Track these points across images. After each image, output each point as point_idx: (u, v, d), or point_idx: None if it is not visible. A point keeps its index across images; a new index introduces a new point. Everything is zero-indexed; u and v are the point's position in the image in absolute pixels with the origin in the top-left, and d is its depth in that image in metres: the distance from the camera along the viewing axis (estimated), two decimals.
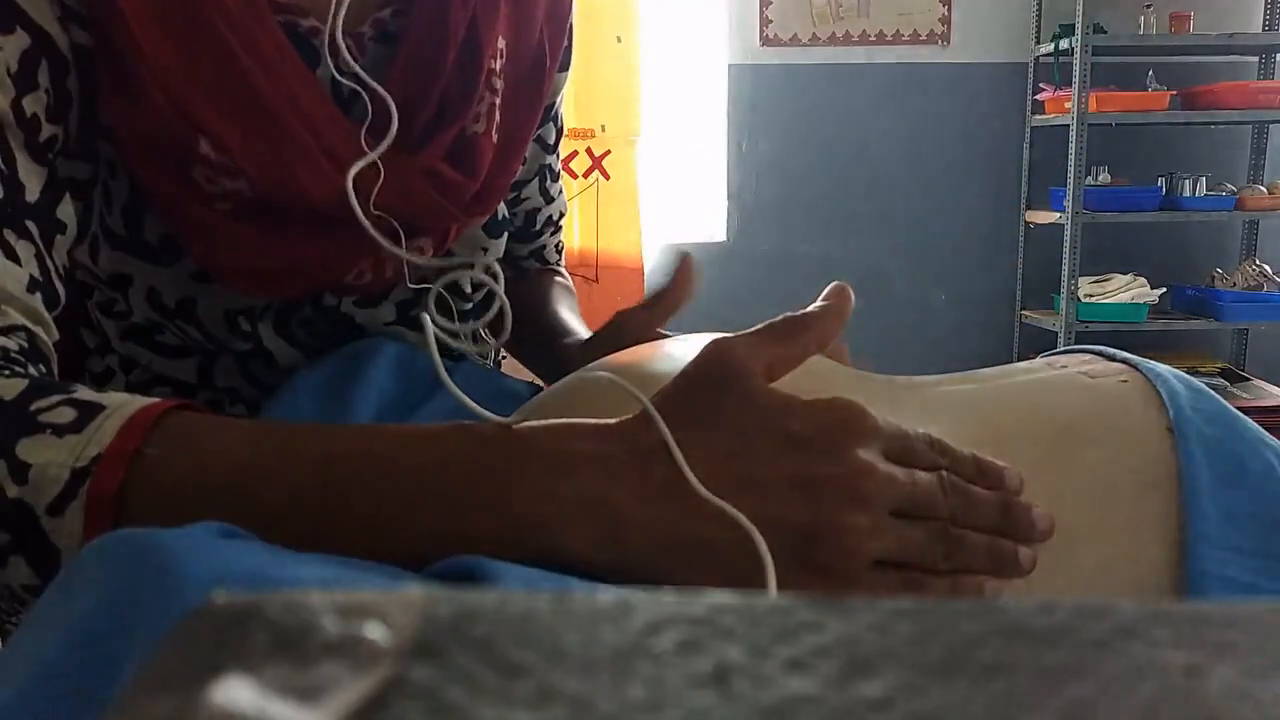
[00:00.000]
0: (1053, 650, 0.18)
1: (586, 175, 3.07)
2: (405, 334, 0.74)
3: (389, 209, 0.62)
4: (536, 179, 0.87)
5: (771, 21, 3.29)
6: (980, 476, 0.46)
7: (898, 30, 3.32)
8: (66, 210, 0.59)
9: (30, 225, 0.55)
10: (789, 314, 0.48)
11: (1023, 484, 0.47)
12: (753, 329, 0.47)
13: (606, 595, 0.20)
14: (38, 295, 0.55)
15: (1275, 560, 0.49)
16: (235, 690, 0.16)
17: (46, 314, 0.56)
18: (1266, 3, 3.34)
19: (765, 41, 3.30)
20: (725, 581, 0.40)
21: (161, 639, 0.18)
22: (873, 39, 3.32)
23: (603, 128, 3.05)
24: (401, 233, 0.63)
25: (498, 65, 0.67)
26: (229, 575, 0.33)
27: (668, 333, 0.68)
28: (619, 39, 3.03)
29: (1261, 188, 3.27)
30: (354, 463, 0.43)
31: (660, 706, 0.16)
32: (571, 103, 3.03)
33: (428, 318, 0.48)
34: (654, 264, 3.16)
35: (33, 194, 0.56)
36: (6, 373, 0.49)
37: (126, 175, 0.62)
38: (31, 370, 0.52)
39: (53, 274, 0.57)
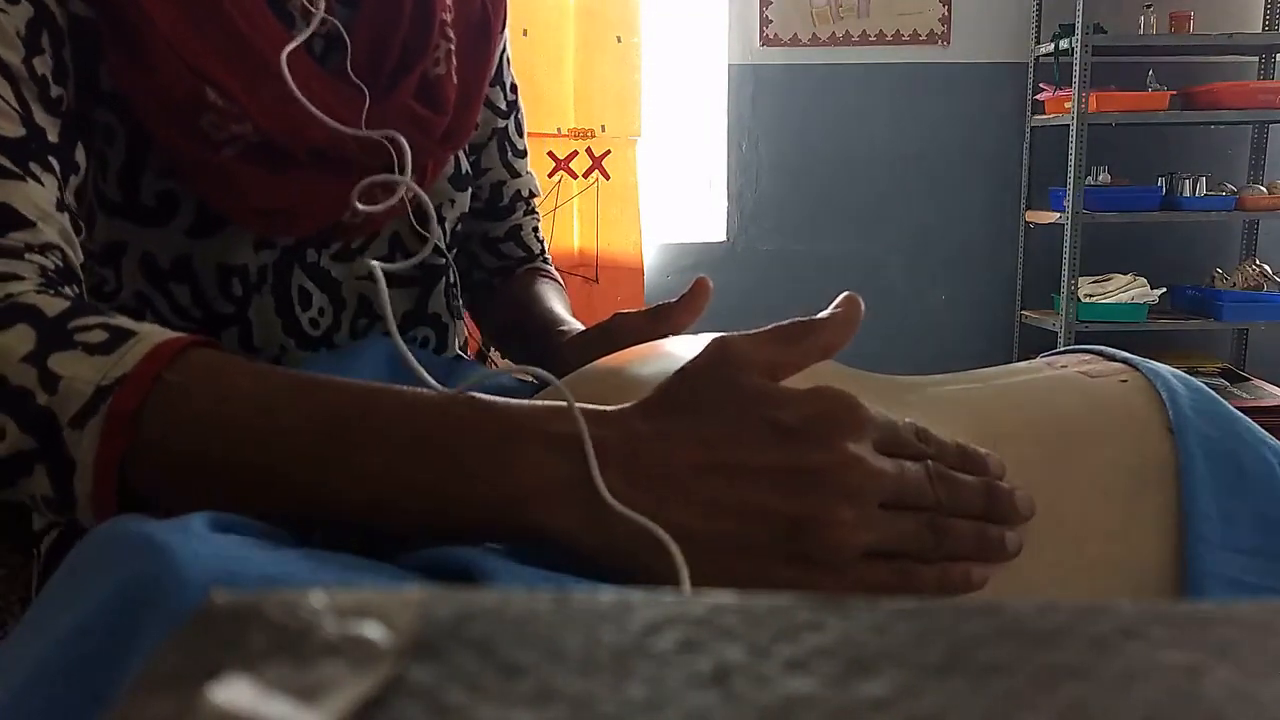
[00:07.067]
0: (1053, 650, 0.18)
1: (586, 175, 3.07)
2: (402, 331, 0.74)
3: (373, 150, 0.68)
4: (494, 145, 0.92)
5: (771, 21, 3.29)
6: (964, 464, 0.46)
7: (898, 30, 3.32)
8: (80, 154, 0.62)
9: (52, 161, 0.58)
10: (798, 318, 0.48)
11: (1004, 470, 0.47)
12: (760, 329, 0.47)
13: (606, 595, 0.20)
14: (65, 215, 0.58)
15: (1275, 560, 0.49)
16: (235, 690, 0.16)
17: (74, 235, 0.59)
18: (1266, 3, 3.34)
19: (765, 41, 3.30)
20: (708, 572, 0.40)
21: (162, 639, 0.18)
22: (873, 39, 3.31)
23: (603, 128, 3.05)
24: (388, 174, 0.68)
25: (449, 18, 0.75)
26: (229, 575, 0.33)
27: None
28: (619, 39, 3.03)
29: (1261, 188, 3.26)
30: (363, 419, 0.44)
31: (660, 706, 0.16)
32: (571, 103, 3.03)
33: (376, 264, 0.54)
34: (654, 262, 3.15)
35: (52, 136, 0.59)
36: (51, 291, 0.52)
37: (124, 139, 0.64)
38: (66, 290, 0.55)
39: (71, 208, 0.60)
